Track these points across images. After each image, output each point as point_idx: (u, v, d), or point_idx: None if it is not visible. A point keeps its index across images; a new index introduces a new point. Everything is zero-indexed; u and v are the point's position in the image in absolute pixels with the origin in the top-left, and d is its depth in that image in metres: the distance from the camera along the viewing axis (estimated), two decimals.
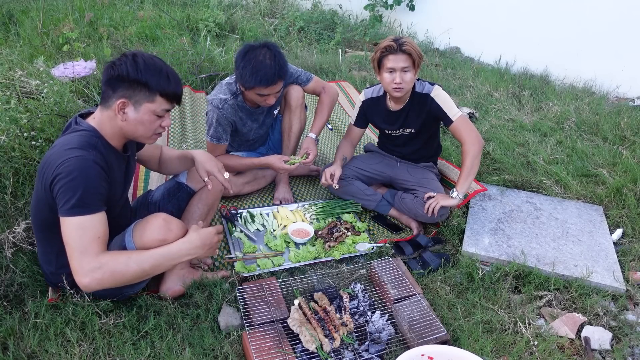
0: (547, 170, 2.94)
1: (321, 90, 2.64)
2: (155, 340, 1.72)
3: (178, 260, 1.61)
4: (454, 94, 4.20)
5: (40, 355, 1.63)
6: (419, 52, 2.22)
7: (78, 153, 1.47)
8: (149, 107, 1.58)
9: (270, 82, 2.19)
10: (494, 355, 1.77)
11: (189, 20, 5.18)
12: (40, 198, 1.58)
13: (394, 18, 5.83)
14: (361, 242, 2.35)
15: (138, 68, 1.53)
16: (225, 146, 2.54)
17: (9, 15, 4.78)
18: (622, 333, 1.90)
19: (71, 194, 1.43)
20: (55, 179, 1.46)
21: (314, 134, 2.59)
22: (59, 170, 1.45)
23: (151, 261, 1.55)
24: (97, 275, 1.44)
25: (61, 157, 1.46)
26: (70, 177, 1.44)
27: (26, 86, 2.95)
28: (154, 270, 1.58)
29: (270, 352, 1.63)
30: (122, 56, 1.56)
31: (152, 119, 1.61)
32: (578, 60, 4.42)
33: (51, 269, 1.74)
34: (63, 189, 1.44)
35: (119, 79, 1.53)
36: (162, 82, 1.57)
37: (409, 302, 1.90)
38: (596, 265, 2.20)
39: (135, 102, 1.56)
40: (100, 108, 1.61)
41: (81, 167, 1.45)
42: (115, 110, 1.56)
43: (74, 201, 1.43)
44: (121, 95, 1.55)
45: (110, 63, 1.56)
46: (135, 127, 1.60)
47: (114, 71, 1.54)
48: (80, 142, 1.51)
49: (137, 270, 1.52)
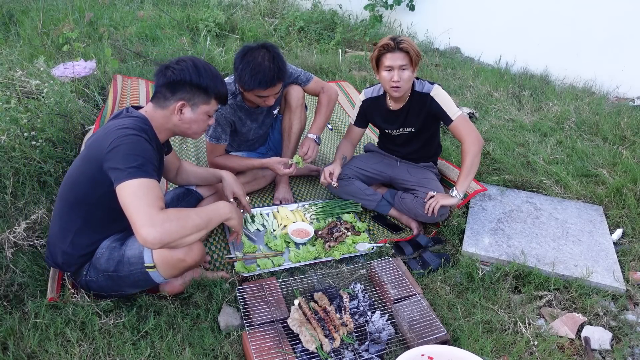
0: (547, 170, 2.94)
1: (320, 90, 2.64)
2: (155, 340, 1.72)
3: (220, 218, 1.74)
4: (454, 94, 4.20)
5: (40, 355, 1.63)
6: (416, 50, 2.23)
7: (133, 132, 1.58)
8: (205, 108, 1.76)
9: (269, 84, 2.19)
10: (494, 355, 1.77)
11: (189, 20, 5.18)
12: (83, 172, 1.65)
13: (394, 18, 5.83)
14: (361, 242, 2.35)
15: (200, 74, 1.70)
16: (224, 146, 2.54)
17: (9, 15, 4.78)
18: (622, 333, 1.90)
19: (132, 161, 1.52)
20: (112, 151, 1.53)
21: (314, 134, 2.59)
22: (116, 143, 1.54)
23: (204, 214, 1.66)
24: (167, 226, 1.50)
25: (117, 133, 1.56)
26: (129, 148, 1.54)
27: (26, 86, 2.96)
28: (206, 224, 1.66)
29: (270, 352, 1.63)
30: (181, 61, 1.70)
31: (205, 118, 1.79)
32: (578, 60, 4.42)
33: (63, 247, 1.73)
34: (121, 159, 1.52)
35: (180, 83, 1.68)
36: (218, 87, 1.76)
37: (409, 302, 1.90)
38: (596, 265, 2.20)
39: (193, 104, 1.73)
40: (154, 106, 1.74)
41: (138, 142, 1.57)
42: (173, 110, 1.71)
43: (135, 165, 1.52)
44: (180, 98, 1.71)
45: (166, 66, 1.70)
46: (190, 125, 1.77)
47: (175, 75, 1.68)
48: (134, 124, 1.63)
49: (196, 220, 1.61)
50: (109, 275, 1.73)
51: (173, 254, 1.65)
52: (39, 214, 2.17)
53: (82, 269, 1.76)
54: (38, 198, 2.32)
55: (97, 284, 1.77)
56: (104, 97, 3.43)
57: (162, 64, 1.72)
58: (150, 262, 1.67)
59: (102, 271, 1.73)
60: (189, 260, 1.68)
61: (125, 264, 1.71)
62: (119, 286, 1.77)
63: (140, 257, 1.68)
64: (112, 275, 1.73)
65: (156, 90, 1.73)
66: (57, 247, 1.75)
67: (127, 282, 1.75)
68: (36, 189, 2.36)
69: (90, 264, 1.75)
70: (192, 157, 3.01)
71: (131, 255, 1.70)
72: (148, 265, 1.68)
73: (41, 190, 2.37)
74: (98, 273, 1.74)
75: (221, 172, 2.21)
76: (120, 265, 1.71)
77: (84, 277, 1.77)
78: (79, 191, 1.67)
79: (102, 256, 1.73)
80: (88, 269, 1.76)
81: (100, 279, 1.75)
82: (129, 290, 1.83)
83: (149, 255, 1.67)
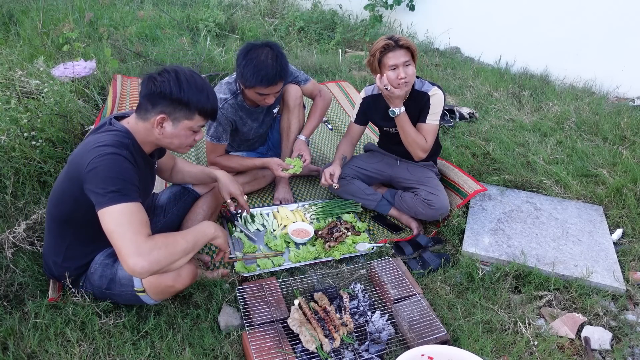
0: (547, 170, 2.94)
1: (317, 94, 2.65)
2: (155, 340, 1.72)
3: (206, 238, 1.67)
4: (454, 94, 4.20)
5: (40, 355, 1.63)
6: (414, 45, 2.28)
7: (112, 150, 1.49)
8: (187, 124, 1.63)
9: (271, 82, 2.20)
10: (494, 355, 1.77)
11: (189, 20, 5.18)
12: (65, 190, 1.61)
13: (394, 18, 5.82)
14: (361, 242, 2.35)
15: (181, 87, 1.56)
16: (225, 146, 2.54)
17: (9, 15, 4.78)
18: (622, 333, 1.90)
19: (111, 185, 1.44)
20: (91, 172, 1.45)
21: (305, 136, 2.61)
22: (94, 164, 1.45)
23: (190, 237, 1.59)
24: (154, 254, 1.42)
25: (95, 152, 1.47)
26: (107, 171, 1.45)
27: (26, 86, 2.96)
28: (193, 246, 1.59)
29: (270, 352, 1.63)
30: (164, 72, 1.58)
31: (188, 134, 1.66)
32: (578, 60, 4.42)
33: (57, 260, 1.74)
34: (101, 182, 1.44)
35: (160, 96, 1.56)
36: (202, 101, 1.61)
37: (409, 302, 1.90)
38: (596, 265, 2.20)
39: (174, 118, 1.61)
40: (136, 118, 1.63)
41: (116, 163, 1.47)
42: (154, 124, 1.59)
43: (115, 190, 1.44)
44: (160, 111, 1.58)
45: (149, 77, 1.59)
46: (171, 140, 1.65)
47: (155, 87, 1.56)
48: (114, 140, 1.53)
49: (183, 245, 1.54)
50: (102, 291, 1.76)
51: (161, 281, 1.64)
52: (39, 214, 2.17)
53: (79, 280, 1.78)
54: (38, 198, 2.32)
55: (94, 295, 1.80)
56: (103, 97, 3.43)
57: (148, 74, 1.61)
58: (140, 287, 1.68)
59: (96, 287, 1.76)
60: (178, 286, 1.67)
61: (117, 284, 1.72)
62: (114, 300, 1.79)
63: (130, 280, 1.69)
64: (105, 292, 1.75)
65: (139, 101, 1.63)
66: (52, 259, 1.77)
67: (120, 299, 1.78)
68: (36, 189, 2.36)
69: (86, 277, 1.77)
70: (192, 157, 3.01)
71: (122, 276, 1.71)
72: (138, 289, 1.69)
73: (41, 190, 2.37)
74: (93, 287, 1.77)
75: (216, 172, 2.15)
76: (112, 283, 1.73)
77: (82, 287, 1.79)
78: (64, 209, 1.65)
79: (95, 272, 1.74)
80: (84, 281, 1.78)
81: (95, 291, 1.78)
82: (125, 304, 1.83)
83: (139, 280, 1.67)
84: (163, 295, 1.74)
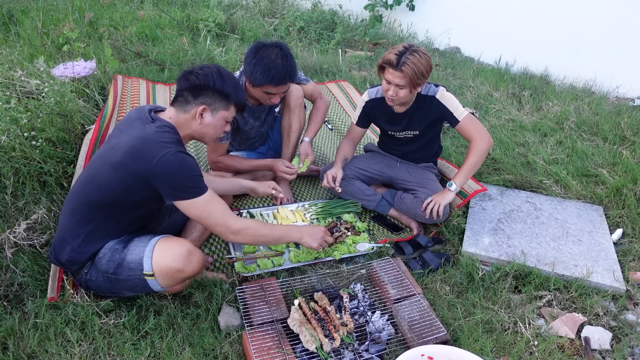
0: (547, 170, 2.94)
1: (318, 96, 2.66)
2: (155, 340, 1.72)
3: (292, 238, 1.99)
4: (454, 94, 4.18)
5: (40, 355, 1.63)
6: (420, 72, 2.11)
7: (177, 149, 1.64)
8: (224, 114, 1.81)
9: (281, 82, 2.21)
10: (494, 355, 1.77)
11: (189, 20, 5.17)
12: (116, 179, 1.65)
13: (394, 18, 5.82)
14: (361, 242, 2.35)
15: (223, 80, 1.75)
16: (226, 145, 2.54)
17: (9, 15, 4.77)
18: (622, 333, 1.90)
19: (189, 182, 1.65)
20: (162, 171, 1.60)
21: (309, 138, 2.62)
22: (165, 163, 1.59)
23: (278, 233, 1.95)
24: (244, 232, 1.77)
25: (161, 151, 1.60)
26: (182, 169, 1.64)
27: (26, 86, 2.96)
28: (279, 239, 2.01)
29: (270, 352, 1.63)
30: (204, 67, 1.76)
31: (222, 124, 1.84)
32: (578, 60, 4.42)
33: (74, 243, 1.72)
34: (179, 180, 1.63)
35: (203, 88, 1.73)
36: (239, 94, 1.83)
37: (409, 302, 1.90)
38: (596, 265, 2.20)
39: (213, 109, 1.78)
40: (176, 110, 1.77)
41: (185, 161, 1.65)
42: (194, 115, 1.75)
43: (192, 186, 1.66)
44: (202, 102, 1.75)
45: (189, 72, 1.75)
46: (207, 129, 1.81)
47: (199, 80, 1.72)
48: (173, 138, 1.69)
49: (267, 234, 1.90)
50: (108, 277, 1.74)
51: (172, 264, 1.67)
52: (39, 214, 2.17)
53: (83, 268, 1.76)
54: (38, 198, 2.32)
55: (96, 284, 1.77)
56: (104, 97, 3.43)
57: (185, 70, 1.77)
58: (149, 270, 1.68)
59: (102, 272, 1.74)
60: (188, 271, 1.70)
61: (124, 268, 1.71)
62: (116, 289, 1.78)
63: (139, 264, 1.69)
64: (110, 277, 1.74)
65: (177, 94, 1.76)
66: (67, 244, 1.74)
67: (125, 286, 1.76)
68: (36, 189, 2.36)
69: (92, 263, 1.75)
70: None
71: (131, 260, 1.70)
72: (147, 273, 1.69)
73: (41, 190, 2.37)
74: (98, 273, 1.74)
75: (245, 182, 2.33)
76: (119, 268, 1.71)
77: (85, 276, 1.77)
78: (108, 194, 1.67)
79: (104, 256, 1.73)
80: (89, 268, 1.76)
81: (99, 279, 1.75)
82: (127, 294, 1.83)
83: (149, 263, 1.68)
84: (172, 281, 1.73)
